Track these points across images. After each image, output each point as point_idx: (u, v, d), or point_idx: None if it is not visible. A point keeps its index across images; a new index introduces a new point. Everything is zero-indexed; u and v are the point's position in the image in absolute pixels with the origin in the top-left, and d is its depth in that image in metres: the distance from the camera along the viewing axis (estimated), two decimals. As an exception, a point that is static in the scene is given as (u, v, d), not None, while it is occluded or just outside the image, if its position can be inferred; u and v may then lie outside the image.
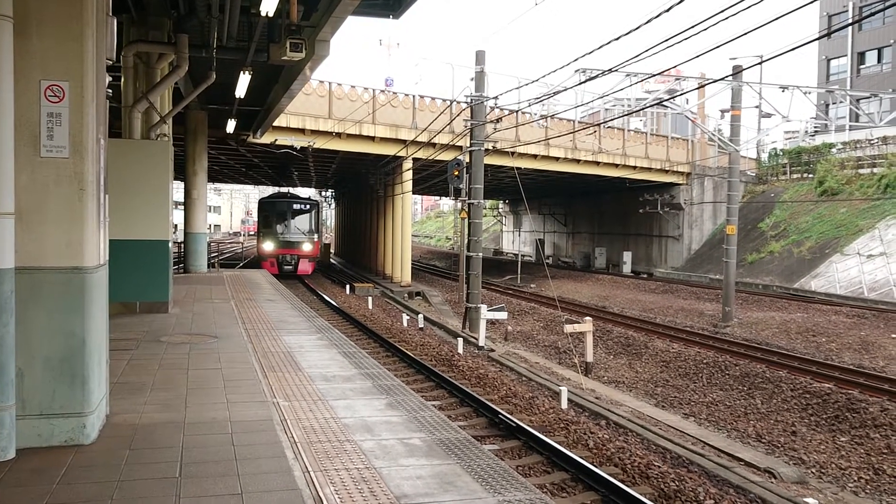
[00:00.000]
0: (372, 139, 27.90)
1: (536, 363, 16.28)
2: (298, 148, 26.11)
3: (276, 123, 23.54)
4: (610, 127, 35.57)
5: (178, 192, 33.06)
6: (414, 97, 29.06)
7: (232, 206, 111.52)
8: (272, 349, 8.83)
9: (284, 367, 7.78)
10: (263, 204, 32.91)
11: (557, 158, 32.76)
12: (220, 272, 22.70)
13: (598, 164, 34.28)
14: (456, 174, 21.81)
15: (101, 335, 5.19)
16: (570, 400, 11.67)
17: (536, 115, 32.58)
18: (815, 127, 45.53)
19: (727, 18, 9.25)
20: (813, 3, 8.97)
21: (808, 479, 9.35)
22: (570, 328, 15.73)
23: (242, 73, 13.54)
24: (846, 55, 48.53)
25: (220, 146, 27.63)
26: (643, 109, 39.94)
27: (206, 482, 4.30)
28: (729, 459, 9.51)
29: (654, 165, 36.49)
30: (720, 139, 28.61)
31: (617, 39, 11.52)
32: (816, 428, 11.51)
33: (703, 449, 9.87)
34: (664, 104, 29.73)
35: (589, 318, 16.70)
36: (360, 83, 32.45)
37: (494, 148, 24.90)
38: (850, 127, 40.51)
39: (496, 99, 20.80)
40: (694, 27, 9.88)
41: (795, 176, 38.24)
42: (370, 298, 24.94)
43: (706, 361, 15.57)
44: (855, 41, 47.87)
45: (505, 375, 13.54)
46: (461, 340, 16.68)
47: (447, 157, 26.30)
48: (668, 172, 37.12)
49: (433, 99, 29.58)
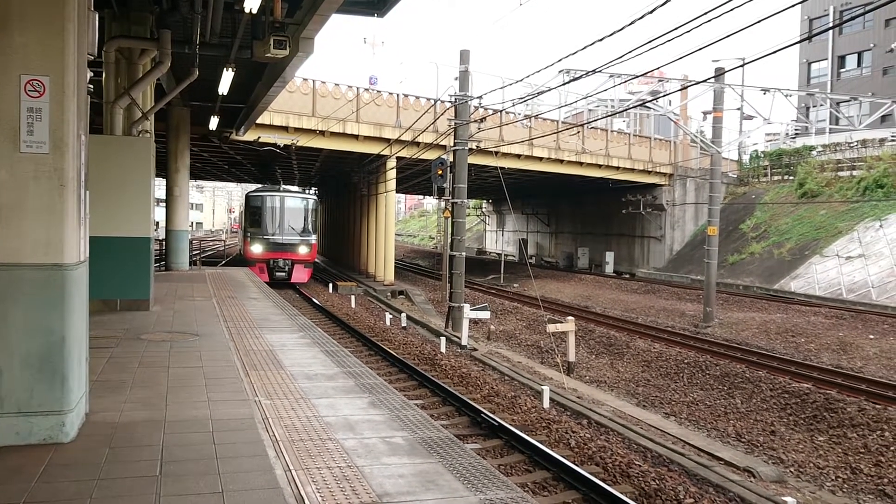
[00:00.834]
0: (356, 138, 27.84)
1: (519, 362, 16.32)
2: (282, 146, 26.01)
3: (259, 121, 23.42)
4: (593, 128, 35.73)
5: (159, 189, 32.81)
6: (398, 96, 29.03)
7: (214, 203, 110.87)
8: (254, 347, 8.79)
9: (266, 365, 7.75)
10: (251, 198, 27.39)
11: (541, 158, 32.86)
12: (202, 270, 22.55)
13: (581, 164, 34.42)
14: (440, 173, 21.83)
15: (80, 333, 5.14)
16: (552, 399, 11.72)
17: (520, 115, 32.66)
18: (795, 129, 45.98)
19: (710, 21, 9.32)
20: (794, 6, 9.05)
21: (786, 478, 9.45)
22: (552, 328, 15.78)
23: (226, 69, 13.46)
24: (827, 59, 49.08)
25: (202, 143, 27.45)
26: (626, 110, 40.15)
27: (186, 480, 4.28)
28: (709, 458, 9.58)
29: (636, 166, 36.70)
30: (702, 141, 28.84)
31: (601, 40, 11.57)
32: (795, 427, 11.63)
33: (683, 448, 9.94)
34: (647, 105, 29.90)
35: (571, 317, 16.77)
36: (344, 81, 32.27)
37: (478, 147, 24.95)
38: (830, 130, 40.95)
39: (480, 98, 20.83)
40: (677, 29, 9.94)
41: (776, 178, 38.60)
42: (353, 297, 24.89)
43: (687, 361, 15.69)
44: (835, 45, 48.42)
45: (487, 374, 13.57)
46: (444, 339, 16.68)
47: (431, 156, 26.31)
48: (650, 173, 37.35)
49: (417, 98, 29.56)
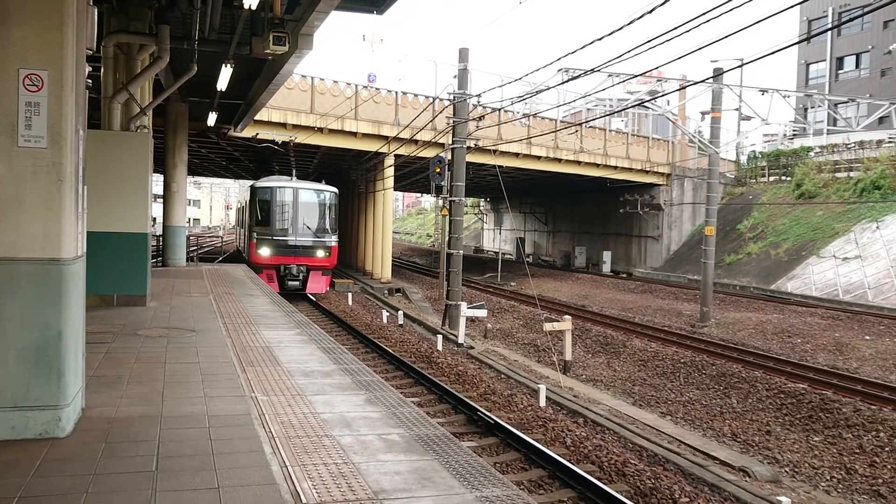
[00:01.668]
0: (354, 135, 27.82)
1: (515, 361, 16.34)
2: (280, 142, 25.98)
3: (257, 117, 23.41)
4: (592, 127, 35.75)
5: (157, 184, 32.77)
6: (397, 93, 29.01)
7: (212, 200, 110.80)
8: (251, 344, 8.79)
9: (263, 361, 7.74)
10: (259, 191, 22.78)
11: (539, 157, 32.86)
12: (199, 266, 22.53)
13: (579, 163, 34.43)
14: (438, 171, 21.83)
15: (77, 328, 5.13)
16: (548, 398, 11.73)
17: (519, 113, 32.66)
18: (793, 130, 46.07)
19: (709, 21, 9.33)
20: (793, 7, 9.07)
21: (781, 477, 9.47)
22: (549, 326, 15.80)
23: (224, 65, 13.43)
24: (825, 60, 49.13)
25: (200, 139, 27.41)
26: (625, 110, 40.16)
27: (182, 476, 4.27)
28: (704, 458, 9.60)
29: (634, 166, 36.72)
30: (700, 141, 28.86)
31: (600, 40, 11.57)
32: (790, 427, 11.66)
33: (679, 447, 9.96)
34: (645, 105, 29.90)
35: (568, 316, 16.78)
36: (342, 78, 32.32)
37: (476, 146, 24.96)
38: (827, 131, 41.01)
39: (479, 97, 20.82)
40: (676, 29, 9.95)
41: (773, 178, 38.66)
42: (350, 294, 24.89)
43: (683, 361, 15.71)
44: (834, 46, 48.47)
45: (484, 373, 13.58)
46: (441, 337, 16.69)
47: (429, 154, 26.30)
48: (648, 173, 37.38)
49: (416, 96, 29.54)
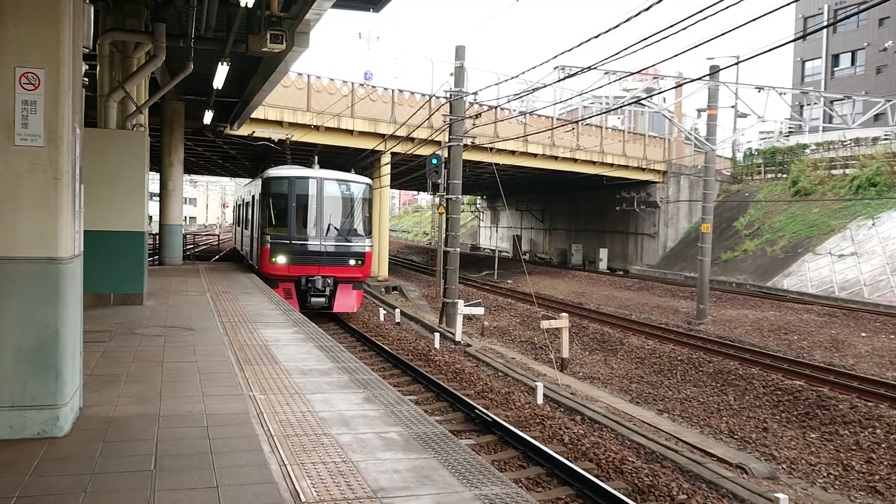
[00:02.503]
0: (350, 133, 27.79)
1: (513, 359, 16.35)
2: (276, 140, 25.93)
3: (253, 115, 23.35)
4: (588, 124, 35.76)
5: (153, 183, 32.68)
6: (393, 91, 28.98)
7: (208, 198, 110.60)
8: (248, 342, 8.78)
9: (261, 360, 7.74)
10: (273, 182, 17.92)
11: (535, 155, 32.86)
12: (195, 264, 22.50)
13: (575, 161, 34.44)
14: (434, 169, 21.82)
15: (74, 327, 5.12)
16: (545, 395, 11.74)
17: (515, 111, 32.66)
18: (789, 127, 46.12)
19: (705, 19, 9.33)
20: (789, 5, 9.08)
21: (778, 474, 9.50)
22: (546, 324, 15.80)
23: (220, 63, 13.40)
24: (821, 57, 49.22)
25: (196, 137, 27.36)
26: (621, 107, 40.19)
27: (181, 475, 4.27)
28: (702, 455, 9.62)
29: (631, 163, 36.74)
30: (696, 138, 28.90)
31: (596, 37, 11.57)
32: (787, 424, 11.69)
33: (676, 444, 9.98)
34: (642, 102, 29.95)
35: (565, 314, 16.79)
36: (339, 76, 32.27)
37: (473, 143, 24.97)
38: (823, 128, 41.09)
39: (475, 94, 20.80)
40: (672, 27, 9.95)
41: (770, 176, 38.72)
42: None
43: (680, 358, 15.73)
44: (829, 43, 48.55)
45: (481, 370, 13.58)
46: (438, 335, 16.69)
47: (426, 151, 26.29)
48: (644, 170, 37.40)
49: (412, 93, 29.52)
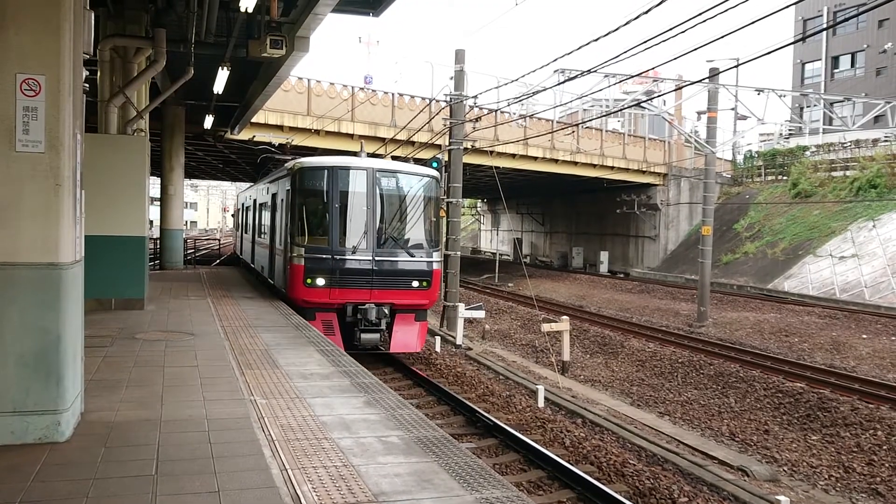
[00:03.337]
0: (351, 137, 27.80)
1: (514, 362, 16.35)
2: (276, 145, 25.96)
3: (254, 120, 23.37)
4: (588, 127, 35.76)
5: (154, 187, 32.71)
6: (393, 95, 29.02)
7: (209, 202, 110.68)
8: (249, 346, 8.79)
9: (262, 364, 7.74)
10: (306, 175, 13.35)
11: (536, 158, 32.87)
12: (196, 269, 22.51)
13: (575, 164, 34.45)
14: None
15: (76, 332, 5.13)
16: (546, 399, 11.74)
17: (515, 114, 32.69)
18: (789, 129, 46.13)
19: (705, 21, 9.36)
20: (789, 7, 9.10)
21: (780, 477, 9.49)
22: (547, 327, 15.81)
23: (221, 68, 13.44)
24: (821, 59, 49.25)
25: (197, 142, 27.39)
26: (621, 110, 40.22)
27: (182, 480, 4.28)
28: (703, 458, 9.62)
29: (631, 166, 36.75)
30: (696, 141, 28.90)
31: (596, 41, 11.59)
32: (788, 427, 11.68)
33: (677, 447, 9.98)
34: (642, 105, 29.94)
35: (566, 317, 16.79)
36: (339, 80, 32.19)
37: (473, 147, 24.96)
38: (823, 130, 41.07)
39: (475, 98, 20.83)
40: (672, 29, 9.97)
41: (770, 178, 38.71)
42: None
43: (681, 361, 15.73)
44: (829, 45, 48.59)
45: (482, 374, 13.58)
46: (439, 339, 16.69)
47: (426, 155, 26.29)
48: (644, 173, 37.41)
49: (412, 97, 29.55)
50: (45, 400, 4.81)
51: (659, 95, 32.41)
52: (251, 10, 10.07)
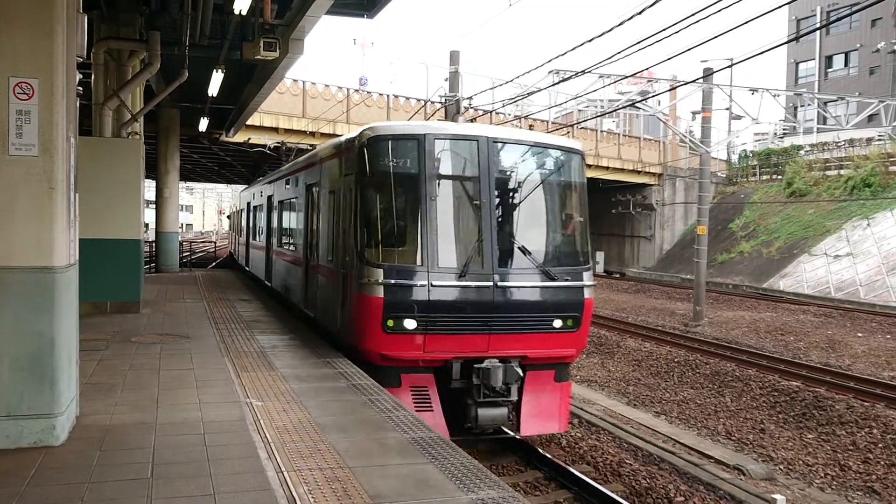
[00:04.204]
0: (346, 138, 27.81)
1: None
2: (272, 147, 25.95)
3: (249, 122, 23.40)
4: (583, 128, 35.81)
5: (149, 190, 32.63)
6: (388, 97, 29.05)
7: (204, 205, 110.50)
8: (245, 349, 8.78)
9: (258, 367, 7.74)
10: (380, 147, 8.29)
11: (531, 159, 32.89)
12: (192, 272, 22.49)
13: (571, 164, 34.47)
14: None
15: (70, 335, 5.13)
16: (543, 399, 11.73)
17: (510, 115, 32.72)
18: (783, 129, 46.26)
19: (698, 21, 9.39)
20: (782, 7, 9.13)
21: (776, 475, 9.51)
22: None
23: (215, 71, 13.44)
24: (814, 59, 49.39)
25: (192, 144, 27.38)
26: (616, 111, 40.29)
27: (178, 483, 4.27)
28: (699, 457, 9.63)
29: (626, 166, 36.82)
30: (691, 140, 28.97)
31: (590, 41, 11.62)
32: (784, 425, 11.70)
33: (673, 447, 9.99)
34: (637, 106, 30.01)
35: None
36: (334, 82, 32.20)
37: (469, 148, 24.91)
38: (817, 129, 41.24)
39: (470, 99, 20.84)
40: (666, 30, 10.00)
41: (765, 177, 38.82)
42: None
43: (677, 360, 15.75)
44: (823, 45, 48.75)
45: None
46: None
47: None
48: (640, 173, 37.49)
49: (408, 99, 29.58)
50: (39, 404, 4.81)
51: (654, 96, 32.50)
52: (245, 12, 10.07)
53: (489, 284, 7.93)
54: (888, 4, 39.40)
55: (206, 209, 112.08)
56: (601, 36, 11.39)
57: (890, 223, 27.15)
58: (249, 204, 21.58)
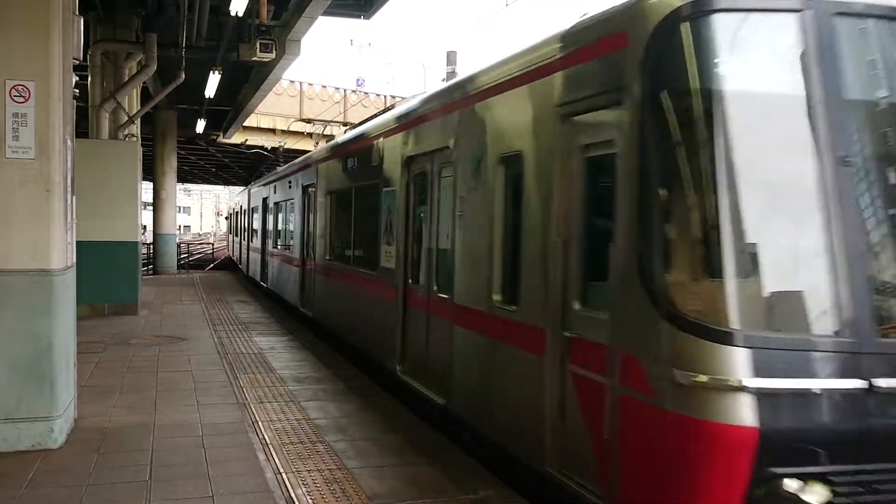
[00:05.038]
0: (344, 139, 27.83)
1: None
2: (269, 148, 25.95)
3: (246, 123, 23.40)
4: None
5: (146, 192, 32.54)
6: (386, 97, 29.06)
7: (202, 206, 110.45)
8: (243, 351, 8.77)
9: (256, 368, 7.73)
10: (700, 30, 3.11)
11: (529, 159, 32.93)
12: (190, 273, 22.48)
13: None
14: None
15: (68, 338, 5.12)
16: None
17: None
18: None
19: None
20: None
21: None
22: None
23: (212, 72, 13.43)
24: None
25: (189, 146, 27.36)
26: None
27: (176, 485, 4.27)
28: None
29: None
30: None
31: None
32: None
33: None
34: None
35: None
36: (331, 83, 32.24)
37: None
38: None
39: (468, 99, 20.85)
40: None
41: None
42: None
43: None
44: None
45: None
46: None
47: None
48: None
49: (405, 99, 29.62)
50: (37, 407, 4.80)
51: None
52: (241, 13, 10.07)
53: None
54: None
55: (203, 211, 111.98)
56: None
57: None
58: (265, 199, 15.63)
